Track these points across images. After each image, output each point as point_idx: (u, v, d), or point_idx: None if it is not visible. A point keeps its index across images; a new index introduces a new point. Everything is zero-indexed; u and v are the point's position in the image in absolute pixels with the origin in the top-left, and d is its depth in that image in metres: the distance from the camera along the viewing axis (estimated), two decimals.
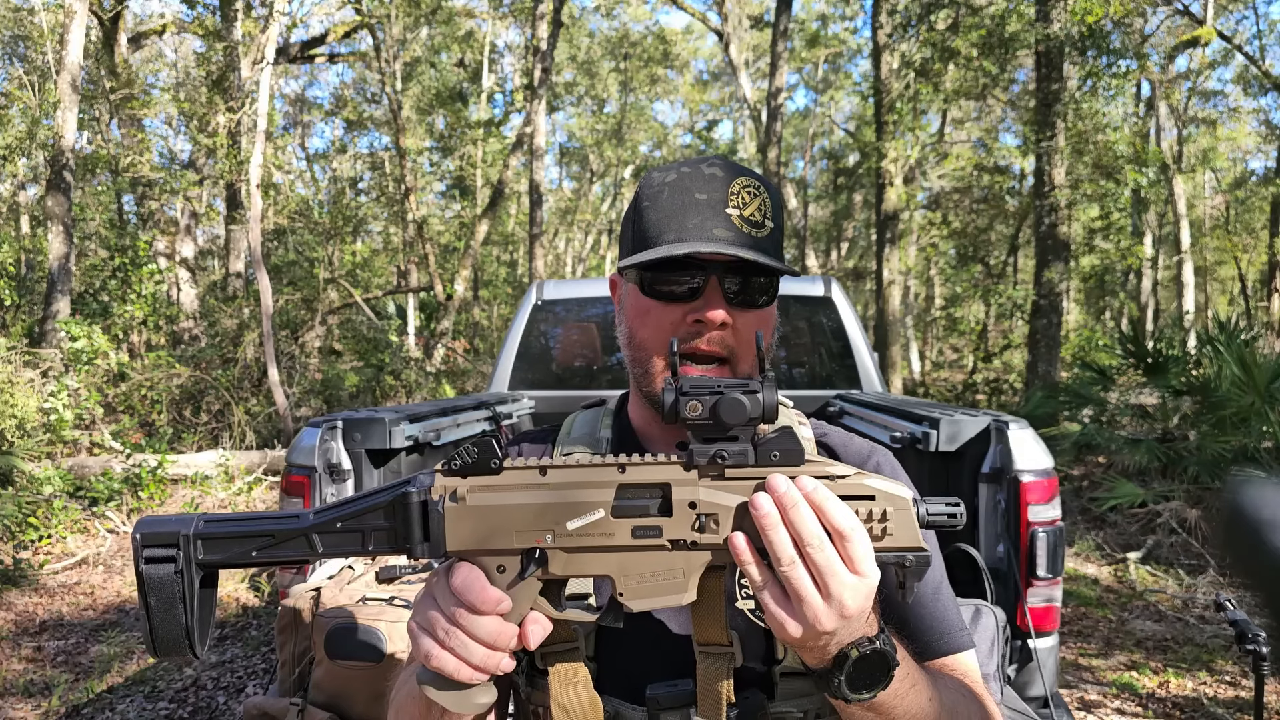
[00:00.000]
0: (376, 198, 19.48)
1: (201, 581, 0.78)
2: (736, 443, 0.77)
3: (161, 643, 0.78)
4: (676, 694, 0.94)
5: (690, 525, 0.77)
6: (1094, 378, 8.22)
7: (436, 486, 0.78)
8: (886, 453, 1.11)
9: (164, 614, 0.77)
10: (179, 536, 0.77)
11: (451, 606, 0.76)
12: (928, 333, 22.52)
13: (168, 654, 0.78)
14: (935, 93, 13.57)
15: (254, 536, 0.79)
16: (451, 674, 0.77)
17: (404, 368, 12.70)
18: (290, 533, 0.79)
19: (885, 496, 0.77)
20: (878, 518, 0.77)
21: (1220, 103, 23.53)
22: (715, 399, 0.76)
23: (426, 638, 0.78)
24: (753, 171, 1.02)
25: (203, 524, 0.79)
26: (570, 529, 0.77)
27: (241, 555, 0.78)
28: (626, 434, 1.12)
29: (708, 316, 0.97)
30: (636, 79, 25.25)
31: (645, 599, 0.78)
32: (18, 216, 16.25)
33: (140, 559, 0.77)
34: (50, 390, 7.79)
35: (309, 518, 0.79)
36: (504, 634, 0.77)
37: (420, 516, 0.78)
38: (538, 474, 0.78)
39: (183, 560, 0.77)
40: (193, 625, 0.78)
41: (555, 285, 4.40)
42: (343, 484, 2.54)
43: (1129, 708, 3.90)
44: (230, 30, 11.44)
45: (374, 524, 0.79)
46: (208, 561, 0.78)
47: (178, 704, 3.92)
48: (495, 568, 0.78)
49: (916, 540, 0.77)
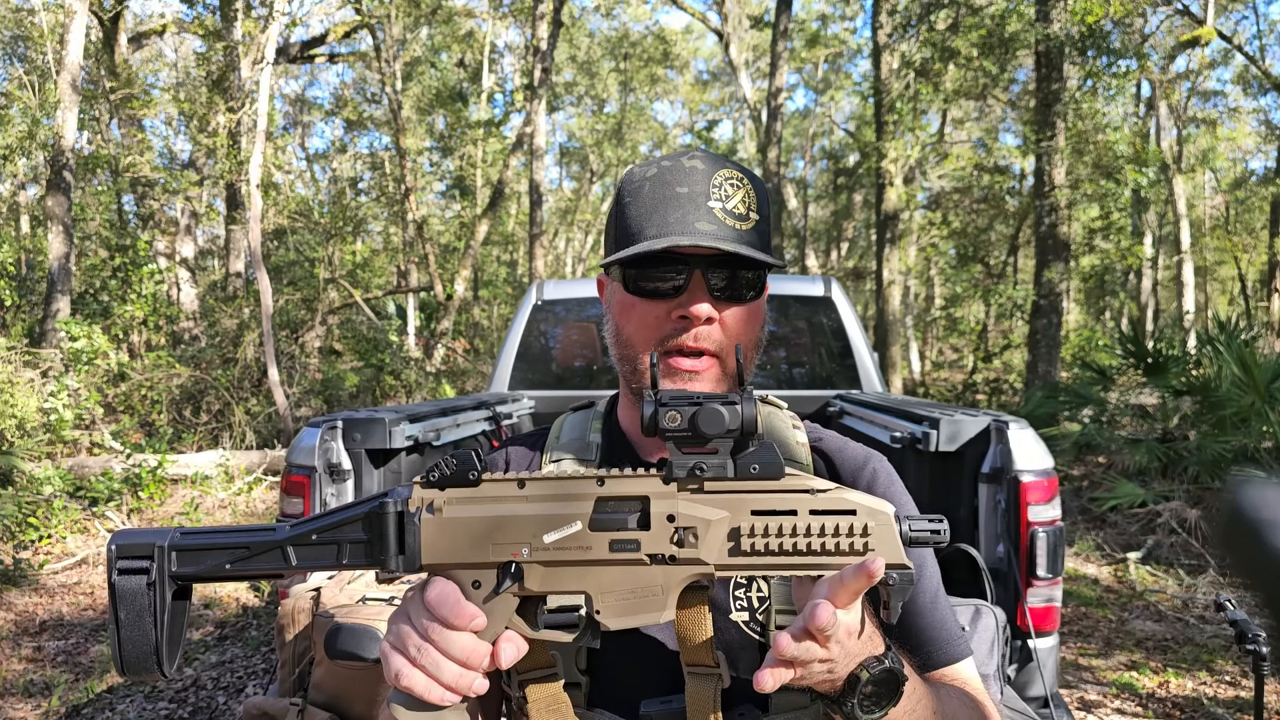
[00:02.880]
0: (376, 198, 19.47)
1: (174, 595, 0.78)
2: (716, 455, 0.76)
3: (129, 659, 0.77)
4: (670, 712, 0.93)
5: (669, 539, 0.76)
6: (1094, 378, 8.23)
7: (414, 498, 0.77)
8: (882, 458, 1.10)
9: (133, 628, 0.76)
10: (153, 548, 0.77)
11: (425, 622, 0.75)
12: (928, 333, 22.51)
13: (135, 672, 0.77)
14: (935, 93, 13.57)
15: (228, 549, 0.78)
16: (421, 694, 0.75)
17: (404, 368, 12.70)
18: (265, 545, 0.78)
19: (867, 511, 0.75)
20: (859, 532, 0.74)
21: (1220, 103, 23.54)
22: (694, 410, 0.75)
23: (398, 656, 0.76)
24: (736, 163, 1.00)
25: (179, 536, 0.78)
26: (547, 542, 0.76)
27: (215, 568, 0.78)
28: (616, 438, 1.10)
29: (691, 312, 0.96)
30: (636, 79, 25.24)
31: (623, 617, 0.76)
32: (18, 216, 16.26)
33: (113, 570, 0.77)
34: (50, 390, 7.79)
35: (285, 530, 0.78)
36: (477, 652, 0.75)
37: (396, 528, 0.77)
38: (516, 486, 0.77)
39: (155, 572, 0.77)
40: (161, 642, 0.77)
41: (555, 285, 4.40)
42: (343, 484, 2.53)
43: (1129, 708, 3.90)
44: (230, 30, 11.44)
45: (350, 536, 0.78)
46: (181, 574, 0.78)
47: (178, 704, 3.92)
48: (471, 583, 0.76)
49: (899, 557, 0.75)
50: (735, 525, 0.76)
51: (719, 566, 0.76)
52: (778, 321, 4.27)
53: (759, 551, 0.75)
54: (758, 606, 0.97)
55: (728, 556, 0.76)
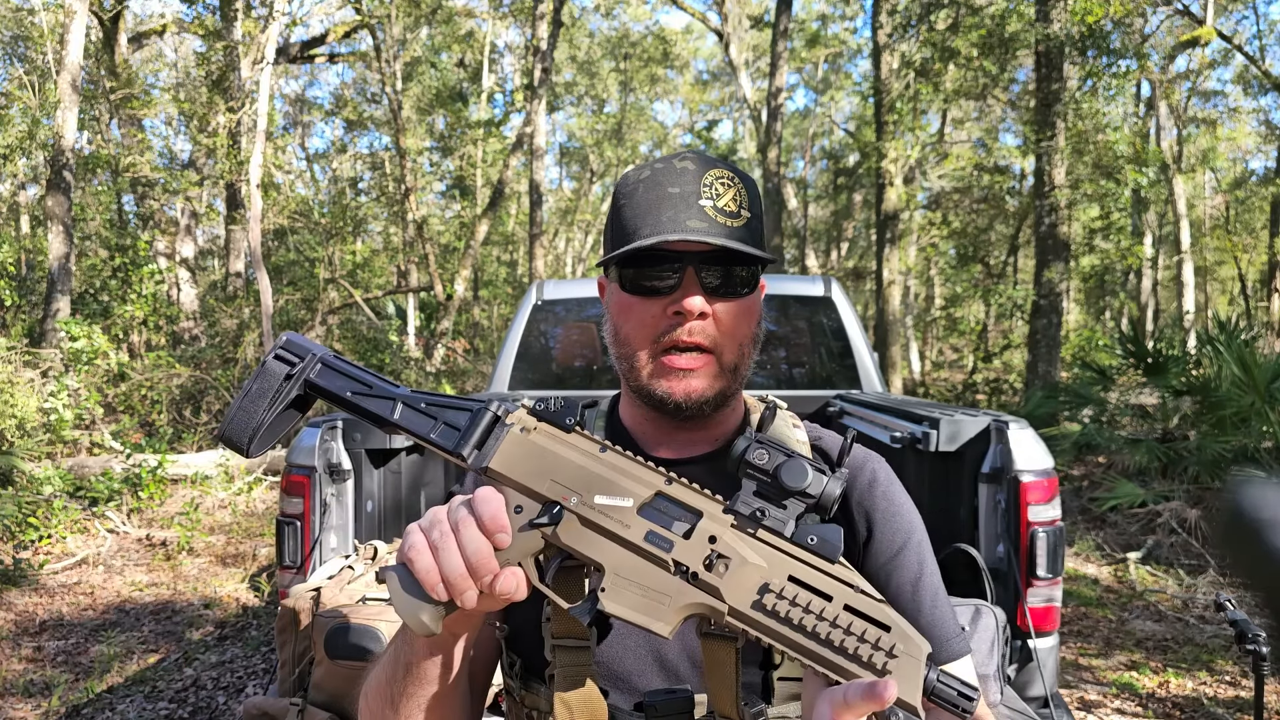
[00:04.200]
0: (376, 198, 19.46)
1: (297, 399, 0.86)
2: (783, 510, 0.76)
3: (233, 426, 0.85)
4: (674, 701, 0.94)
5: (702, 558, 0.75)
6: (1094, 378, 8.23)
7: (516, 414, 0.84)
8: (882, 461, 1.10)
9: (254, 403, 0.85)
10: (308, 353, 0.87)
11: (460, 514, 0.78)
12: (928, 333, 22.50)
13: (229, 438, 0.85)
14: (935, 93, 13.57)
15: (357, 381, 0.86)
16: (420, 575, 0.76)
17: (404, 368, 12.71)
18: (384, 392, 0.86)
19: (901, 635, 0.70)
20: (885, 650, 0.69)
21: (1220, 103, 23.55)
22: (785, 459, 0.76)
23: (419, 533, 0.78)
24: (727, 163, 1.03)
25: (331, 355, 0.88)
26: (596, 503, 0.78)
27: (340, 390, 0.86)
28: (619, 435, 1.12)
29: (684, 306, 0.97)
30: (636, 79, 25.24)
31: (622, 605, 0.75)
32: (18, 216, 16.27)
33: (272, 353, 0.87)
34: (50, 390, 7.79)
35: (405, 390, 0.86)
36: (487, 563, 0.76)
37: (487, 428, 0.83)
38: (598, 448, 0.81)
39: (299, 370, 0.86)
40: (264, 424, 0.85)
41: (555, 285, 4.40)
42: (343, 484, 2.53)
43: (1129, 708, 3.90)
44: (230, 30, 11.44)
45: (449, 419, 0.84)
46: (314, 383, 0.86)
47: (178, 704, 3.92)
48: (514, 507, 0.80)
49: (913, 698, 0.68)
50: (768, 580, 0.73)
51: (733, 611, 0.73)
52: (778, 321, 4.27)
53: (779, 616, 0.72)
54: None
55: (748, 607, 0.73)
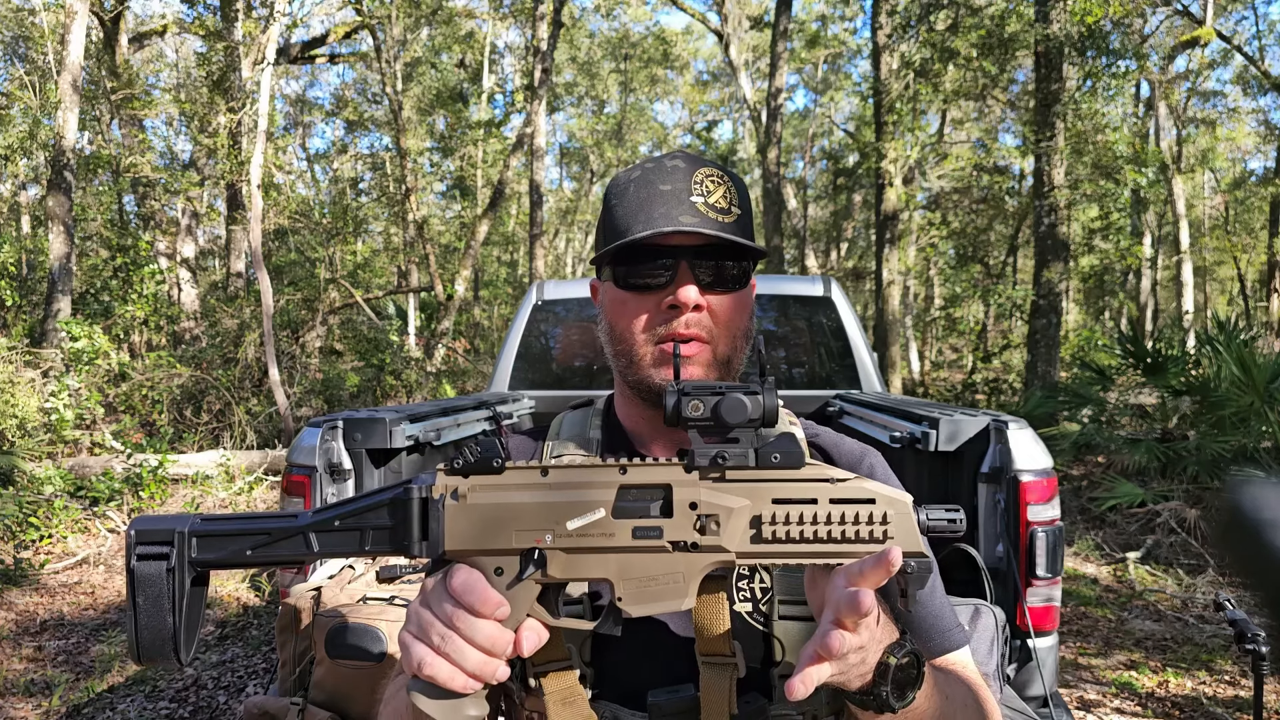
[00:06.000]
0: (377, 198, 19.48)
1: (193, 582, 0.77)
2: (737, 445, 0.77)
3: (146, 646, 0.76)
4: (679, 700, 0.94)
5: (691, 526, 0.77)
6: (1093, 378, 8.23)
7: (438, 485, 0.78)
8: (878, 454, 1.11)
9: (151, 614, 0.75)
10: (174, 534, 0.76)
11: (449, 609, 0.75)
12: (927, 333, 22.50)
13: (151, 658, 0.76)
14: (935, 93, 13.58)
15: (250, 535, 0.77)
16: (445, 682, 0.74)
17: (404, 368, 12.70)
18: (287, 531, 0.77)
19: (885, 500, 0.76)
20: (878, 520, 0.75)
21: (1219, 103, 23.55)
22: (717, 399, 0.76)
23: (420, 644, 0.75)
24: (716, 162, 1.04)
25: (199, 522, 0.78)
26: (571, 529, 0.76)
27: (236, 554, 0.77)
28: (616, 434, 1.12)
29: (680, 298, 0.99)
30: (636, 79, 25.26)
31: (645, 604, 0.77)
32: (19, 216, 16.27)
33: (132, 555, 0.76)
34: (51, 390, 7.79)
35: (307, 517, 0.78)
36: (501, 640, 0.75)
37: (420, 514, 0.77)
38: (539, 474, 0.78)
39: (175, 558, 0.76)
40: (179, 628, 0.76)
41: (555, 285, 4.40)
42: (343, 484, 2.54)
43: (1128, 707, 3.91)
44: (231, 30, 11.44)
45: (373, 523, 0.78)
46: (201, 560, 0.77)
47: (178, 704, 3.93)
48: (493, 570, 0.77)
49: (917, 545, 0.76)
50: (757, 513, 0.76)
51: (740, 554, 0.77)
52: (777, 321, 4.27)
53: (780, 539, 0.76)
54: (760, 597, 0.99)
55: (749, 544, 0.77)
